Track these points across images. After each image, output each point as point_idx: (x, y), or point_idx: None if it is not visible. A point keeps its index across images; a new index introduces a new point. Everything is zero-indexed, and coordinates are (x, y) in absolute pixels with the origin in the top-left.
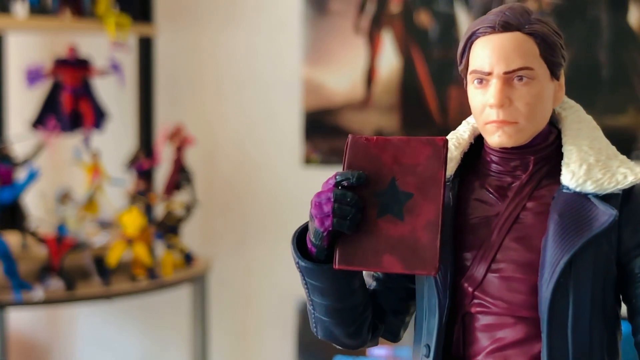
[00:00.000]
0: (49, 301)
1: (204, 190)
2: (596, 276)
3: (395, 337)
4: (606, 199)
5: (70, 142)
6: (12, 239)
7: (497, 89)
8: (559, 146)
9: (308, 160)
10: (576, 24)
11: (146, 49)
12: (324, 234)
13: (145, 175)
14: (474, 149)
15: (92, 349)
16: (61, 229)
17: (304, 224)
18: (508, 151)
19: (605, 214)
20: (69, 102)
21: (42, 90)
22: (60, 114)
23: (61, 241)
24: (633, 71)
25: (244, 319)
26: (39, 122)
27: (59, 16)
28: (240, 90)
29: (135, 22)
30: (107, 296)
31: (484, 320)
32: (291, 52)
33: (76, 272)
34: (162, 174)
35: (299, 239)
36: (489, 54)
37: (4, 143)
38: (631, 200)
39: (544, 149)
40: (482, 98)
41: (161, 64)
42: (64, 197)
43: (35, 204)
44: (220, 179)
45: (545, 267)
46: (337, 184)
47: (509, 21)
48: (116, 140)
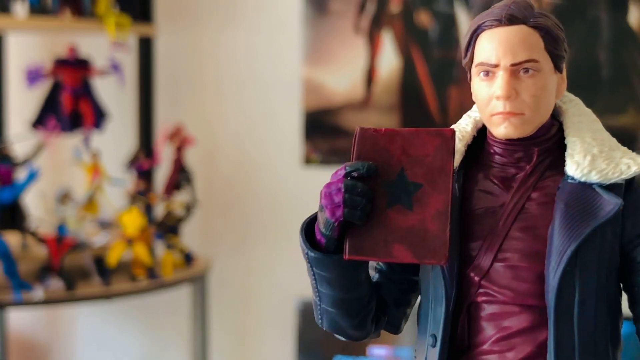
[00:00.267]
0: (49, 301)
1: (204, 190)
2: (601, 265)
3: (396, 330)
4: (610, 188)
5: (70, 142)
6: (12, 239)
7: (505, 80)
8: (561, 138)
9: (308, 160)
10: (576, 24)
11: (146, 49)
12: (335, 224)
13: (145, 175)
14: (477, 141)
15: (92, 349)
16: (61, 229)
17: (312, 215)
18: (512, 143)
19: (611, 203)
20: (69, 102)
21: (42, 90)
22: (60, 114)
23: (61, 241)
24: (633, 71)
25: (244, 319)
26: (39, 122)
27: (59, 16)
28: (240, 90)
29: (135, 22)
30: (107, 296)
31: (490, 309)
32: (291, 52)
33: (76, 272)
34: (162, 174)
35: (307, 229)
36: (496, 46)
37: (4, 143)
38: (634, 190)
39: (547, 140)
40: (488, 90)
41: (161, 64)
42: (64, 197)
43: (35, 204)
44: (220, 179)
45: (552, 255)
46: (347, 175)
47: (514, 14)
48: (116, 140)
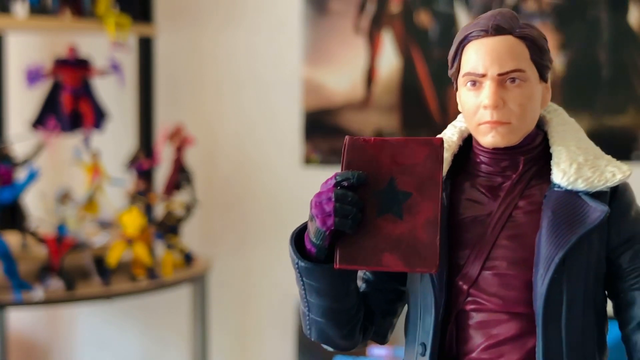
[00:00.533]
0: (49, 301)
1: (204, 190)
2: (588, 272)
3: (383, 339)
4: (596, 196)
5: (70, 142)
6: (12, 239)
7: (492, 90)
8: (546, 147)
9: (308, 160)
10: (576, 24)
11: (146, 49)
12: (326, 233)
13: (145, 175)
14: (463, 150)
15: (92, 349)
16: (61, 229)
17: (301, 225)
18: (498, 152)
19: (597, 211)
20: (69, 102)
21: (42, 90)
22: (60, 114)
23: (61, 241)
24: (633, 71)
25: (244, 319)
26: (39, 122)
27: (59, 16)
28: (240, 90)
29: (135, 22)
30: (107, 296)
31: (478, 317)
32: (291, 52)
33: (76, 272)
34: (162, 174)
35: (297, 239)
36: (483, 56)
37: (4, 143)
38: (619, 198)
39: (532, 149)
40: (475, 100)
41: (161, 64)
42: (64, 197)
43: (35, 204)
44: (220, 179)
45: (540, 263)
46: (337, 184)
47: (501, 25)
48: (116, 140)
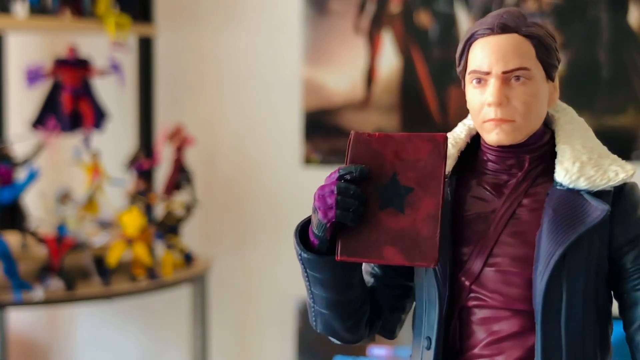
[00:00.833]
0: (49, 301)
1: (204, 190)
2: (588, 270)
3: (391, 335)
4: (598, 195)
5: (70, 142)
6: (12, 239)
7: (496, 87)
8: (553, 146)
9: (308, 160)
10: (576, 24)
11: (146, 49)
12: (327, 225)
13: (145, 175)
14: (471, 148)
15: (92, 349)
16: (61, 229)
17: (307, 217)
18: (504, 150)
19: (598, 209)
20: (69, 102)
21: (42, 90)
22: (60, 114)
23: (61, 241)
24: (633, 71)
25: (244, 319)
26: (39, 122)
27: (59, 16)
28: (240, 90)
29: (135, 22)
30: (107, 296)
31: (480, 313)
32: (291, 52)
33: (76, 272)
34: (162, 174)
35: (302, 232)
36: (488, 54)
37: (4, 143)
38: (623, 198)
39: (538, 148)
40: (480, 97)
41: (161, 64)
42: (64, 197)
43: (35, 204)
44: (220, 179)
45: (539, 260)
46: (340, 178)
47: (507, 23)
48: (116, 140)
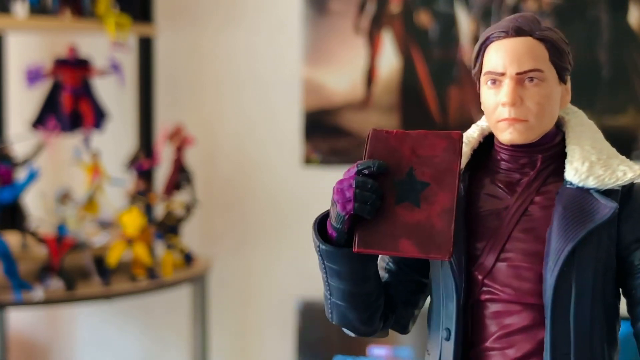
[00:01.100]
0: (49, 301)
1: (204, 190)
2: (597, 266)
3: (404, 329)
4: (607, 193)
5: (70, 142)
6: (12, 239)
7: (510, 88)
8: (564, 147)
9: (308, 160)
10: (576, 24)
11: (146, 49)
12: (346, 217)
13: (145, 175)
14: (484, 148)
15: (92, 349)
16: (61, 229)
17: (325, 211)
18: (518, 149)
19: (607, 207)
20: (69, 102)
21: (42, 90)
22: (60, 114)
23: (61, 241)
24: (633, 71)
25: (244, 319)
26: (39, 122)
27: (59, 16)
28: (240, 90)
29: (135, 22)
30: (107, 296)
31: (493, 307)
32: (291, 52)
33: (76, 272)
34: (162, 174)
35: (320, 225)
36: (503, 56)
37: (4, 143)
38: (631, 197)
39: (550, 148)
40: (495, 97)
41: (161, 64)
42: (64, 197)
43: (35, 204)
44: (220, 179)
45: (549, 255)
46: (359, 172)
47: (521, 27)
48: (116, 140)
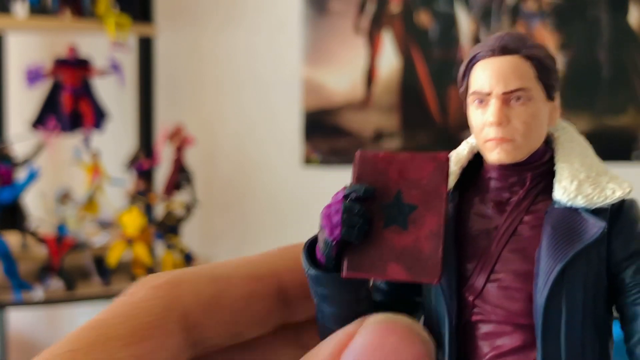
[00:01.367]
0: (49, 301)
1: (204, 190)
2: (587, 285)
3: None
4: (596, 212)
5: (70, 142)
6: (12, 239)
7: (496, 108)
8: (554, 165)
9: (308, 161)
10: (576, 24)
11: (146, 49)
12: (333, 243)
13: (145, 175)
14: (475, 166)
15: None
16: (61, 229)
17: (314, 235)
18: (507, 168)
19: (595, 226)
20: (69, 102)
21: (42, 90)
22: (60, 114)
23: (61, 241)
24: (633, 71)
25: None
26: (39, 122)
27: (59, 16)
28: (240, 90)
29: (135, 22)
30: (107, 296)
31: (484, 328)
32: (291, 52)
33: (76, 272)
34: (162, 174)
35: (310, 249)
36: (489, 75)
37: (4, 143)
38: (621, 215)
39: (540, 166)
40: (482, 117)
41: (161, 64)
42: (64, 197)
43: (35, 204)
44: (220, 179)
45: (539, 276)
46: (346, 197)
47: (507, 45)
48: (116, 140)
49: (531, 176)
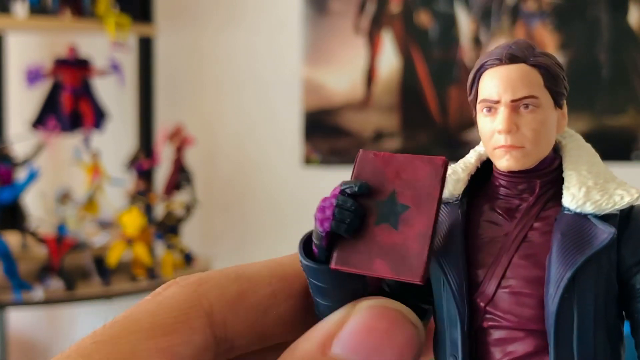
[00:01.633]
0: (49, 301)
1: (204, 190)
2: (598, 291)
3: None
4: (605, 218)
5: (70, 142)
6: (12, 239)
7: (505, 115)
8: (562, 172)
9: (308, 161)
10: (576, 24)
11: (146, 49)
12: (323, 234)
13: (145, 175)
14: (483, 173)
15: None
16: (61, 229)
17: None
18: (516, 175)
19: (605, 232)
20: (69, 102)
21: (42, 90)
22: (60, 114)
23: (61, 241)
24: (633, 71)
25: None
26: (39, 122)
27: (59, 16)
28: (240, 90)
29: (135, 22)
30: (107, 296)
31: (496, 334)
32: (291, 52)
33: (76, 272)
34: (162, 174)
35: (307, 241)
36: (497, 83)
37: (4, 143)
38: (630, 220)
39: (549, 173)
40: (491, 125)
41: (161, 64)
42: (64, 197)
43: (35, 204)
44: (220, 179)
45: (550, 283)
46: (342, 192)
47: (515, 54)
48: (116, 140)
49: (540, 183)
